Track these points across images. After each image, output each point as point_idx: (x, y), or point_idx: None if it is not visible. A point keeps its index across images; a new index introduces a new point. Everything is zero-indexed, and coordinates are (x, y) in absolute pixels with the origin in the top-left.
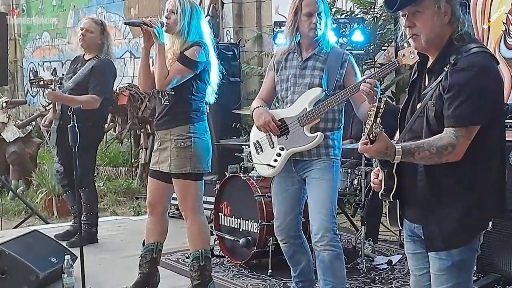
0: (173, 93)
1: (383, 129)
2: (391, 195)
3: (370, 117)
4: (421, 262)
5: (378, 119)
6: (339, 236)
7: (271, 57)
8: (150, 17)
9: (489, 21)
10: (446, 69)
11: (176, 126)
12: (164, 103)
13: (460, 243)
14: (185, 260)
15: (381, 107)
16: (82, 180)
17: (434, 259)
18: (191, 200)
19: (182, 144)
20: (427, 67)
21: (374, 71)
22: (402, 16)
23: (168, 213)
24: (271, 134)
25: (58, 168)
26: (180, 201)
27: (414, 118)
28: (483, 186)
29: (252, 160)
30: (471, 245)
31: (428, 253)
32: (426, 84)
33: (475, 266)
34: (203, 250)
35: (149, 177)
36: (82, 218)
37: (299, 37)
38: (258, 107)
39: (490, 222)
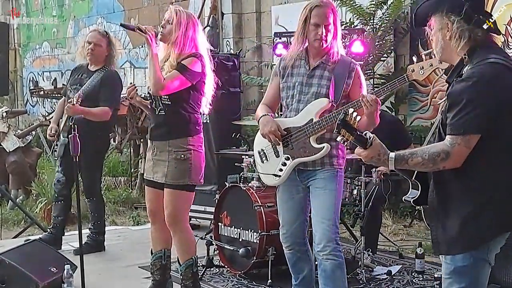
0: (169, 103)
1: (372, 138)
2: (413, 200)
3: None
4: None
5: (342, 130)
6: None
7: (271, 68)
8: (145, 27)
9: (489, 21)
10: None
11: (176, 138)
12: (159, 113)
13: (460, 249)
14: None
15: (346, 118)
16: (91, 190)
17: (443, 263)
18: (185, 210)
19: (182, 156)
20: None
21: (373, 82)
22: None
23: None
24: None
25: (59, 178)
26: (173, 212)
27: (437, 125)
28: (491, 196)
29: (256, 168)
30: (475, 253)
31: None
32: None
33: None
34: (195, 257)
35: (146, 186)
36: (89, 227)
37: (307, 44)
38: (265, 115)
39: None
